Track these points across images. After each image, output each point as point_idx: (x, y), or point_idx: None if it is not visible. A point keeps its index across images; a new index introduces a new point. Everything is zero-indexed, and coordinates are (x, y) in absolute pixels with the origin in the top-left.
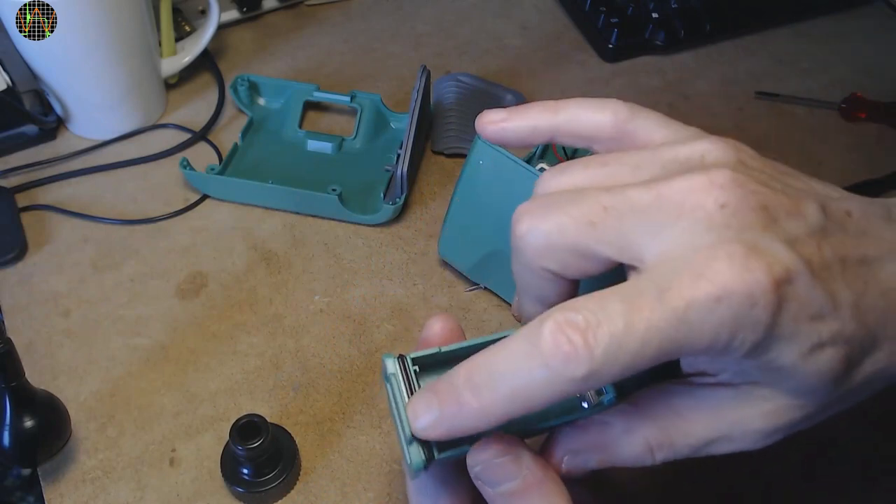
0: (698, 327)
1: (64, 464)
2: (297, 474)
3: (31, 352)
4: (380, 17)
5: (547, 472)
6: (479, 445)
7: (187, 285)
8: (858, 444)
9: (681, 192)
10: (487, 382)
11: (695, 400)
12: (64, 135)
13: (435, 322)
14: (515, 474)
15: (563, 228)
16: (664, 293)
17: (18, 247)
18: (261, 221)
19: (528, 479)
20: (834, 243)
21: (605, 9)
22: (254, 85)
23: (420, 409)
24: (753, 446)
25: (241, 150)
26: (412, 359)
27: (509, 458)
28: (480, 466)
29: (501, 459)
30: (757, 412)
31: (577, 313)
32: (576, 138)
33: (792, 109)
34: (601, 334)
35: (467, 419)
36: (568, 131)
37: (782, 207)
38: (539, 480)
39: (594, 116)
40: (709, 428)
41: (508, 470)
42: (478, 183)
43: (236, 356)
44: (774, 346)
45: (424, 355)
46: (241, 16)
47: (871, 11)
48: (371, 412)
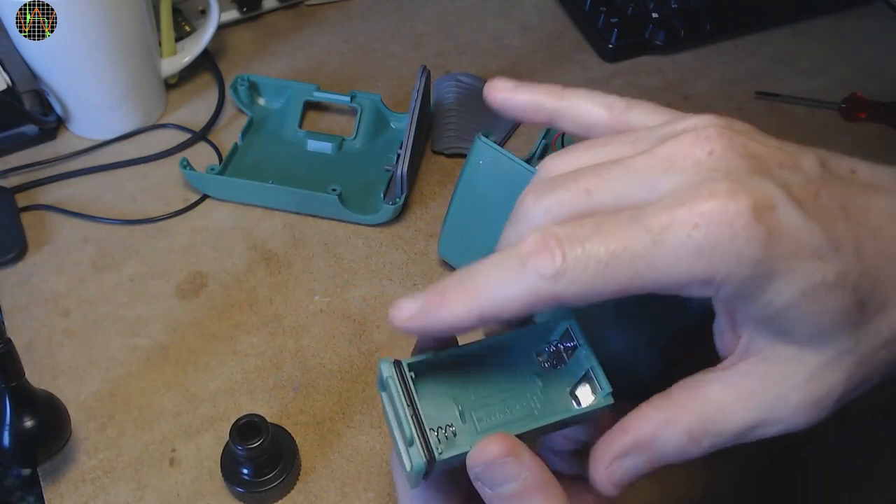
0: (673, 251)
1: (64, 464)
2: (297, 474)
3: (31, 352)
4: (380, 17)
5: (547, 474)
6: (480, 447)
7: (187, 285)
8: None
9: (672, 148)
10: (470, 278)
11: (727, 385)
12: (64, 135)
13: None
14: (516, 475)
15: (562, 200)
16: (643, 219)
17: (18, 247)
18: (261, 221)
19: (528, 480)
20: (833, 190)
21: (605, 9)
22: (254, 85)
23: (404, 301)
24: (804, 422)
25: (241, 150)
26: (408, 364)
27: (510, 460)
28: (481, 467)
29: (503, 461)
30: (792, 385)
31: (559, 228)
32: (574, 125)
33: (792, 109)
34: (575, 241)
35: (447, 312)
36: (568, 116)
37: (774, 159)
38: (540, 482)
39: (594, 108)
40: (748, 411)
41: (509, 471)
42: (477, 183)
43: (236, 356)
44: (770, 286)
45: (420, 360)
46: (241, 16)
47: (871, 11)
48: (371, 412)
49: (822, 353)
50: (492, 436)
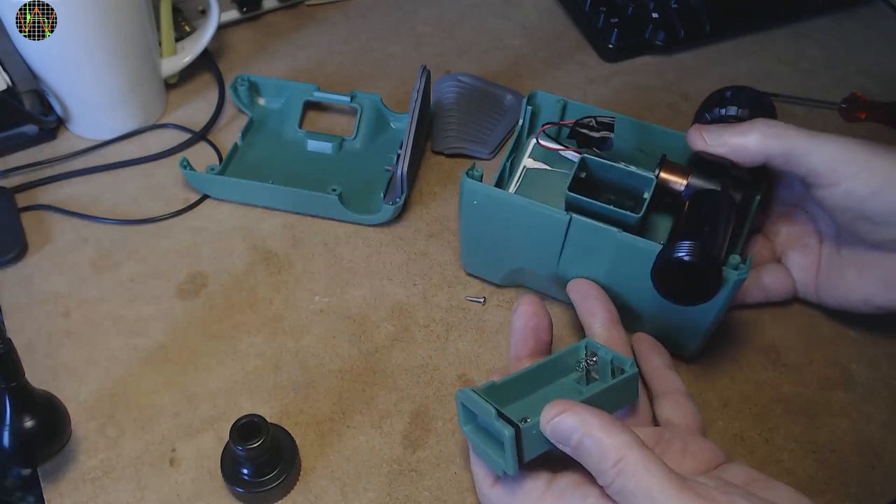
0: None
1: (64, 464)
2: (297, 474)
3: (31, 352)
4: (380, 17)
5: (606, 418)
6: (544, 412)
7: (187, 285)
8: None
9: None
10: None
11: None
12: (64, 135)
13: (520, 309)
14: (577, 425)
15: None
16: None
17: (18, 247)
18: (261, 221)
19: (587, 425)
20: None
21: (605, 9)
22: (254, 85)
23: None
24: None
25: (241, 150)
26: (476, 390)
27: (567, 414)
28: (550, 428)
29: (560, 417)
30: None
31: None
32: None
33: (792, 109)
34: None
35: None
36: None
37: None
38: (599, 424)
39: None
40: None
41: (569, 423)
42: (477, 216)
43: (236, 356)
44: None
45: (487, 386)
46: (241, 16)
47: (871, 11)
48: (371, 412)
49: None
50: (550, 403)
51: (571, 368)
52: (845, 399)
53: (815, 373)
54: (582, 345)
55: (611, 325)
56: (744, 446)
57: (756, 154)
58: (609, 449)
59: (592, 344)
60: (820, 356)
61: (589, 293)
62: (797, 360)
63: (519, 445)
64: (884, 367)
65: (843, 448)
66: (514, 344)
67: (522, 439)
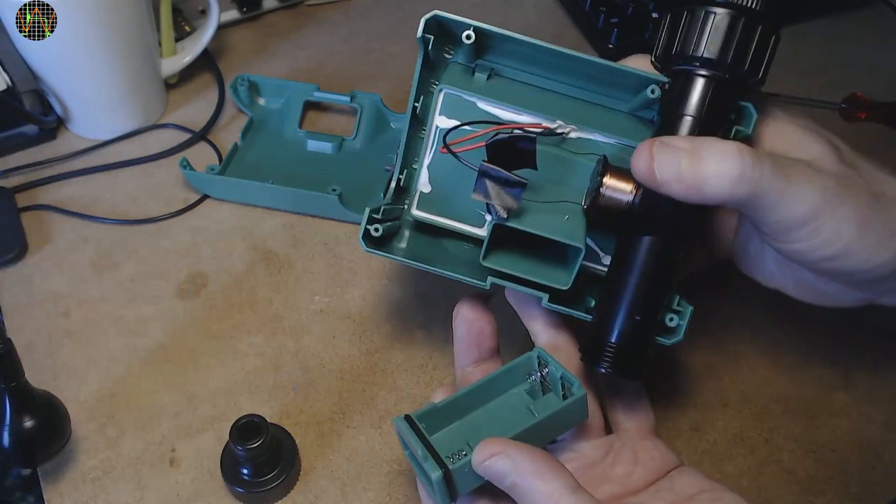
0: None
1: (64, 464)
2: (297, 474)
3: (31, 352)
4: (380, 17)
5: (541, 461)
6: (474, 453)
7: (187, 285)
8: None
9: None
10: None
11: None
12: (64, 135)
13: (461, 314)
14: (509, 469)
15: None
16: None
17: (18, 247)
18: (261, 221)
19: (521, 470)
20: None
21: (605, 9)
22: (254, 85)
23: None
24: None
25: (241, 150)
26: (416, 415)
27: (498, 458)
28: (482, 470)
29: (491, 460)
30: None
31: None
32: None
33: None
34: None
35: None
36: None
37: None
38: (534, 470)
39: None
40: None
41: (501, 467)
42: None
43: (236, 356)
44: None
45: (425, 411)
46: (241, 16)
47: (871, 11)
48: (371, 412)
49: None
50: (482, 441)
51: (521, 379)
52: (845, 399)
53: (814, 373)
54: (533, 355)
55: (554, 329)
56: (744, 446)
57: (718, 199)
58: (542, 496)
59: (544, 354)
60: (820, 356)
61: (529, 298)
62: (797, 360)
63: (450, 483)
64: (884, 367)
65: (843, 448)
66: (457, 354)
67: (454, 477)
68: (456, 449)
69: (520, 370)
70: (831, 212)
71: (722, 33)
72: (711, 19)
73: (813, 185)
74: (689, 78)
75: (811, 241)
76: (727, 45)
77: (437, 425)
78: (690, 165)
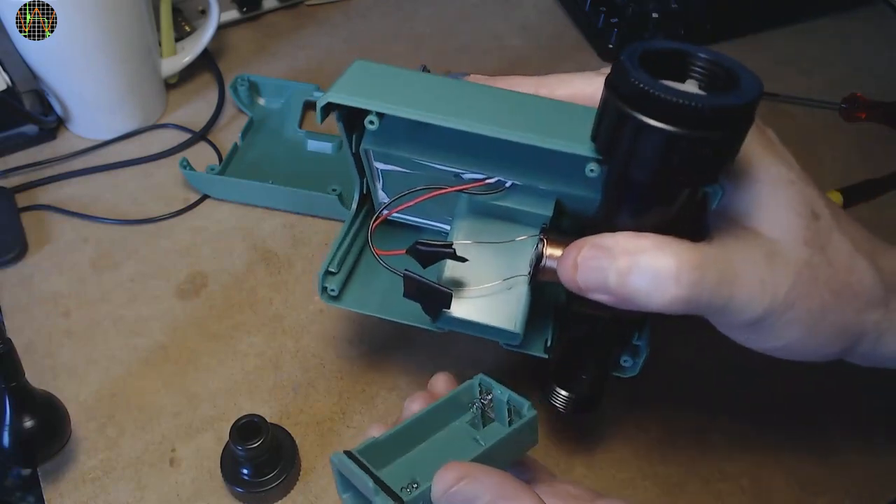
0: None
1: (64, 464)
2: (297, 474)
3: (31, 352)
4: (380, 17)
5: (510, 485)
6: (436, 479)
7: (187, 285)
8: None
9: None
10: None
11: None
12: (64, 135)
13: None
14: (478, 494)
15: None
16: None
17: (18, 247)
18: (261, 221)
19: (491, 494)
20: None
21: (605, 9)
22: (254, 85)
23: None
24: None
25: (241, 150)
26: (357, 451)
27: (465, 482)
28: (445, 499)
29: (458, 485)
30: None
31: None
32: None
33: (792, 109)
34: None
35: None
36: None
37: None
38: (502, 494)
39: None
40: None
41: (468, 492)
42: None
43: (236, 356)
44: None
45: (367, 445)
46: (241, 16)
47: (871, 11)
48: (371, 412)
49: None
50: (444, 466)
51: (464, 409)
52: (846, 399)
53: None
54: (475, 382)
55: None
56: (744, 446)
57: (652, 311)
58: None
59: (486, 381)
60: None
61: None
62: (797, 360)
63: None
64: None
65: (843, 448)
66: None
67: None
68: (405, 483)
69: (462, 398)
70: (776, 317)
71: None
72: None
73: (762, 296)
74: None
75: (748, 337)
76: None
77: (379, 462)
78: (618, 280)
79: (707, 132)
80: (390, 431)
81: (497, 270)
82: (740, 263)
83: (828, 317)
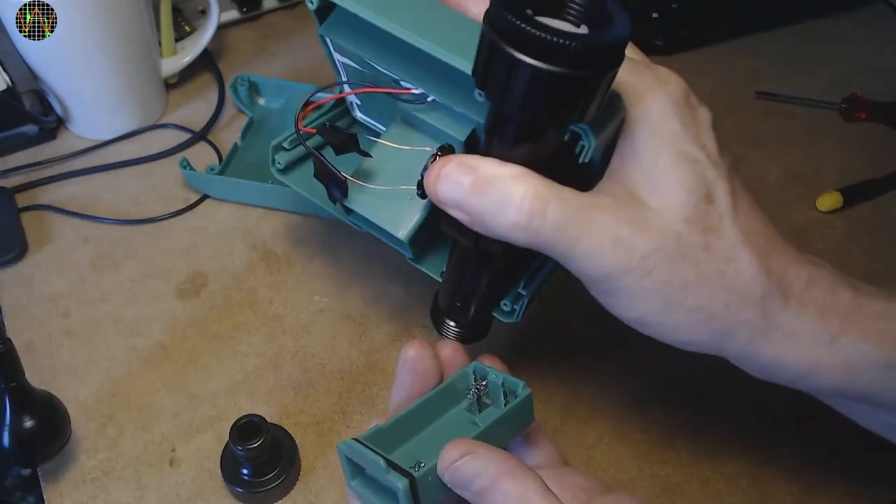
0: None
1: (64, 464)
2: (297, 474)
3: (31, 352)
4: None
5: (513, 462)
6: (442, 455)
7: (187, 285)
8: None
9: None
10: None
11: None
12: (64, 135)
13: (407, 352)
14: (480, 470)
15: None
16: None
17: (18, 247)
18: (261, 221)
19: (493, 471)
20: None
21: None
22: (254, 85)
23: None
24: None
25: (241, 150)
26: (363, 438)
27: (469, 458)
28: (449, 473)
29: (462, 461)
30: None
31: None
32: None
33: (792, 109)
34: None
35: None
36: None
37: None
38: (505, 470)
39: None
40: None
41: (472, 468)
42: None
43: (236, 356)
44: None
45: (371, 433)
46: (241, 16)
47: (871, 11)
48: (371, 412)
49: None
50: (449, 443)
51: (461, 396)
52: None
53: None
54: (470, 369)
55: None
56: (744, 446)
57: (503, 238)
58: (513, 498)
59: (480, 367)
60: None
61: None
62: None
63: (415, 496)
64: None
65: (843, 448)
66: (396, 388)
67: (418, 489)
68: (411, 465)
69: (458, 386)
70: (630, 281)
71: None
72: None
73: (613, 252)
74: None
75: (606, 299)
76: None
77: (384, 448)
78: (470, 198)
79: (569, 69)
80: (393, 419)
81: (401, 178)
82: (600, 216)
83: (688, 298)
